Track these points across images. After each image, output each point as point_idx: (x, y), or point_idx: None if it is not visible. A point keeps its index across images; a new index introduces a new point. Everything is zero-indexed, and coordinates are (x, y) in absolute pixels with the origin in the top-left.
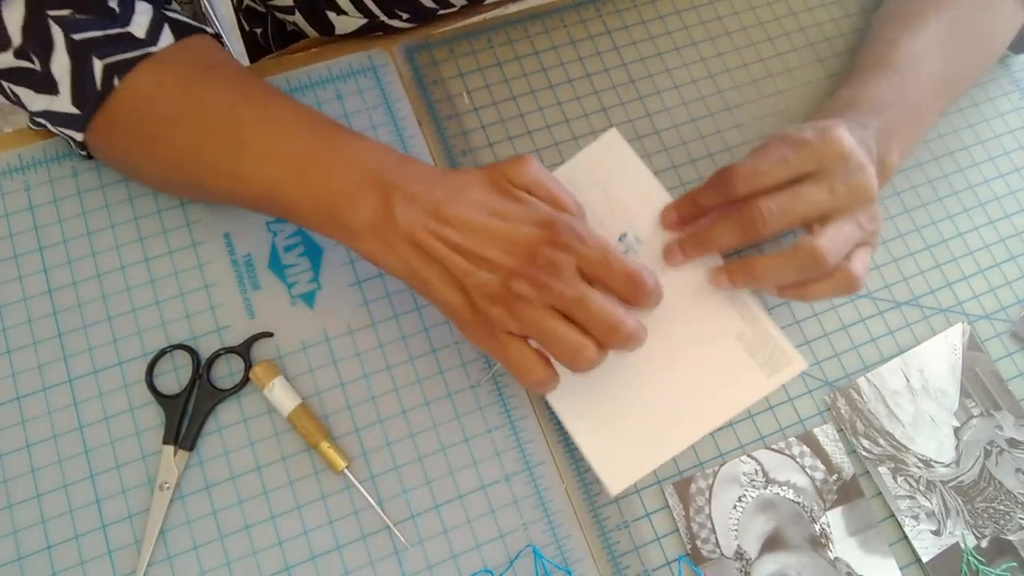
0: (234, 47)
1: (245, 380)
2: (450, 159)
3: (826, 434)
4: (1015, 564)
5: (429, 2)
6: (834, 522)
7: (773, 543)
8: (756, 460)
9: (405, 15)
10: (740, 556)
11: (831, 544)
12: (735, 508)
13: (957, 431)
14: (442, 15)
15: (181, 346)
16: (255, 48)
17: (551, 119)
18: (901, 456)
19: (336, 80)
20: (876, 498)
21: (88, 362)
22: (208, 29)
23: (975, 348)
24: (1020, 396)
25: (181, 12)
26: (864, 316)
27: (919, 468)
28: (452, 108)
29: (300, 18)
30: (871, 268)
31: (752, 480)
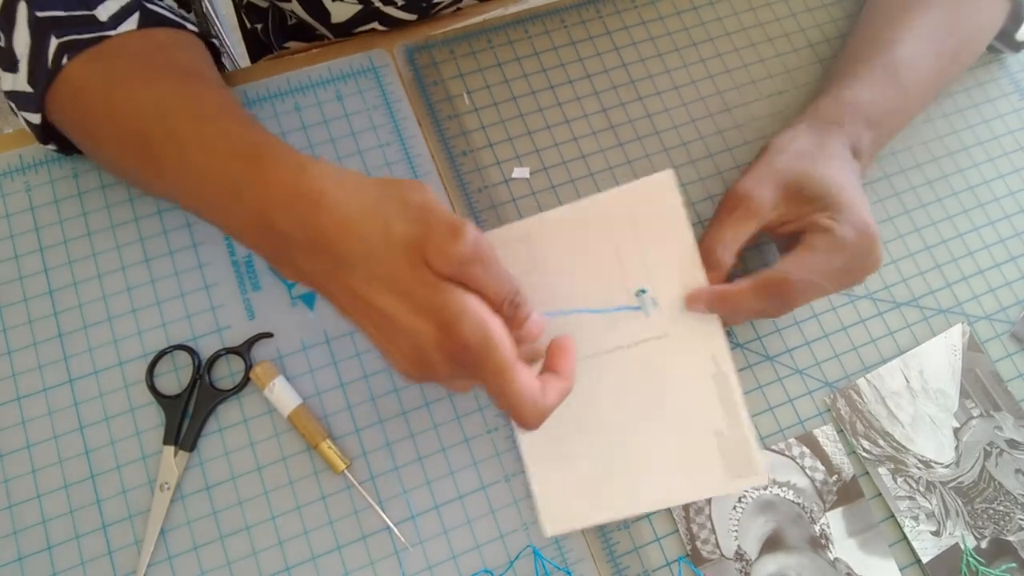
0: (235, 47)
1: (245, 381)
2: (450, 159)
3: (826, 435)
4: (1015, 565)
5: None
6: (834, 523)
7: (773, 544)
8: None
9: (400, 1)
10: (740, 557)
11: (831, 545)
12: (735, 509)
13: (957, 432)
14: (437, 5)
15: (181, 347)
16: (257, 46)
17: (551, 120)
18: (901, 457)
19: (336, 80)
20: (876, 499)
21: (89, 363)
22: (189, 26)
23: (975, 349)
24: (1020, 397)
25: (172, 7)
26: (864, 317)
27: (919, 469)
28: (452, 109)
29: (297, 5)
30: None
31: None
